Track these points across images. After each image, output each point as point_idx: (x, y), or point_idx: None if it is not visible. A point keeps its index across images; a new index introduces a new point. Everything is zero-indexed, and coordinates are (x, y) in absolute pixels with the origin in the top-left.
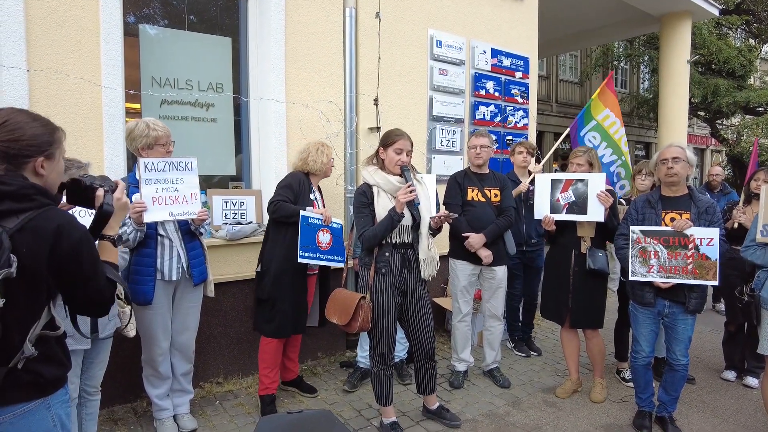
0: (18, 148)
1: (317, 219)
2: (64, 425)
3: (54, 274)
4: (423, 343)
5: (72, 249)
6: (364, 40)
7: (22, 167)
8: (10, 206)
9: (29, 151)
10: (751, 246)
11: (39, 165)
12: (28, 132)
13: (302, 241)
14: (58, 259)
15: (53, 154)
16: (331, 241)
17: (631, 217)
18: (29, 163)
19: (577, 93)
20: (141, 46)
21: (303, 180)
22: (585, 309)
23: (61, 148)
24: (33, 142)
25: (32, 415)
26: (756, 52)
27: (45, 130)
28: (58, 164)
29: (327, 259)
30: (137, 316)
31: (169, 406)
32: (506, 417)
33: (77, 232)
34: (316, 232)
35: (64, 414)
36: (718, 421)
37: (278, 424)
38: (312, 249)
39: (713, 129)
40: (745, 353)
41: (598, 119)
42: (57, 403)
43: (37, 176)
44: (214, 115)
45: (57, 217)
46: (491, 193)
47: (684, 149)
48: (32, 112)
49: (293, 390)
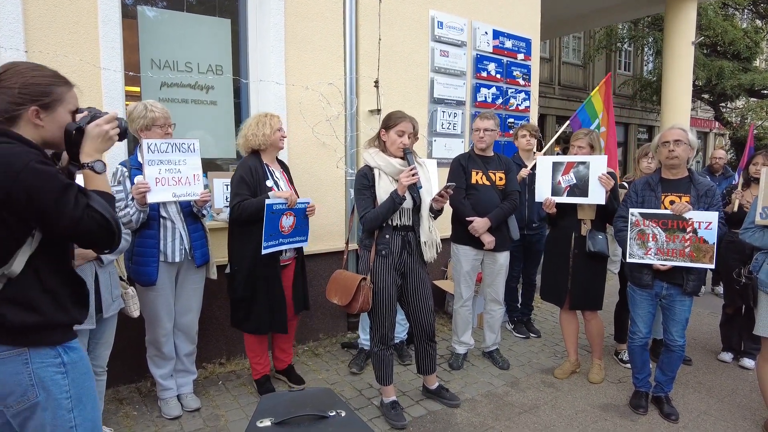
0: (11, 94)
1: (281, 204)
2: (48, 390)
3: (10, 210)
4: (423, 324)
5: (15, 180)
6: (365, 21)
7: (19, 113)
8: None
9: (22, 99)
10: (750, 228)
11: (33, 114)
12: (21, 80)
13: (266, 230)
14: (7, 192)
15: (50, 105)
16: (294, 223)
17: (630, 199)
18: (23, 111)
19: (580, 76)
20: (140, 27)
21: (255, 167)
22: (584, 291)
23: (65, 103)
24: (26, 90)
25: (6, 365)
26: (762, 33)
27: (43, 81)
28: (59, 117)
29: (289, 243)
30: (141, 298)
31: (172, 386)
32: (505, 397)
33: (19, 162)
34: (279, 218)
35: (50, 379)
36: (713, 401)
37: (280, 401)
38: (275, 236)
39: (717, 112)
40: (742, 335)
41: (600, 117)
42: (40, 363)
43: (35, 127)
44: (213, 97)
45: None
46: (496, 177)
47: (686, 131)
48: (39, 65)
49: (283, 379)
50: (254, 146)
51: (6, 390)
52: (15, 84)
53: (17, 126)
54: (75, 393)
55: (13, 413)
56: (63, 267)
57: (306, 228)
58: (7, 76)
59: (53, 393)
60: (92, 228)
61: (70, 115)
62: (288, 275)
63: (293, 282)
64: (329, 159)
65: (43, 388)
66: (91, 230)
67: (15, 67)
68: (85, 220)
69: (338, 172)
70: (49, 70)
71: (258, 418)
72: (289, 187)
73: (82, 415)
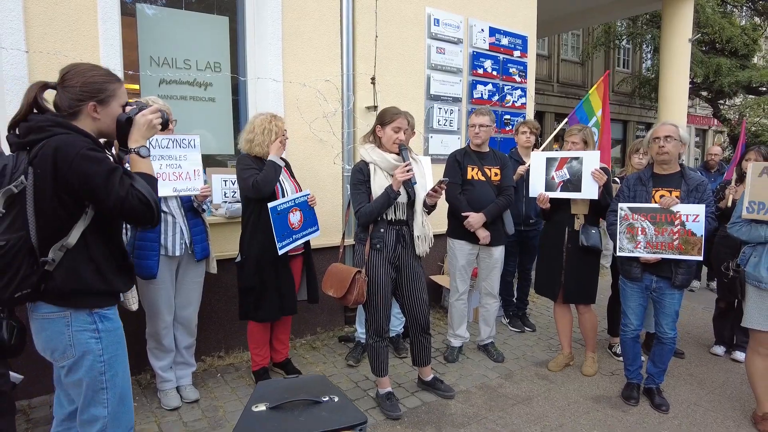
0: (74, 92)
1: (285, 203)
2: (83, 352)
3: (67, 191)
4: (417, 317)
5: (70, 165)
6: (361, 18)
7: (80, 108)
8: (34, 137)
9: (83, 95)
10: (738, 222)
11: (91, 109)
12: (81, 80)
13: (278, 232)
14: (63, 176)
15: (105, 100)
16: (301, 217)
17: (623, 194)
18: (83, 106)
19: (579, 73)
20: (138, 25)
21: (256, 163)
22: (578, 285)
23: (117, 98)
24: (86, 88)
25: (52, 324)
26: (760, 30)
27: (99, 79)
28: (112, 110)
29: (303, 236)
30: (142, 291)
31: (172, 378)
32: (499, 389)
33: (73, 150)
34: (287, 217)
35: (84, 342)
36: (704, 392)
37: (275, 387)
38: (288, 234)
39: (715, 109)
40: (734, 329)
41: (598, 115)
42: (78, 326)
43: (93, 120)
44: (212, 94)
45: (57, 141)
46: (491, 172)
47: (677, 128)
48: (95, 65)
49: (280, 372)
50: (259, 155)
51: (52, 345)
52: (77, 83)
53: (78, 119)
54: (108, 358)
55: (58, 366)
56: (109, 241)
57: (314, 218)
58: (69, 76)
59: (87, 355)
60: (135, 205)
61: (121, 108)
62: (296, 268)
63: (301, 274)
64: (326, 155)
65: (79, 349)
66: (134, 207)
67: (76, 68)
68: (130, 198)
69: (335, 168)
70: (104, 69)
71: (253, 402)
72: (292, 182)
73: (113, 381)
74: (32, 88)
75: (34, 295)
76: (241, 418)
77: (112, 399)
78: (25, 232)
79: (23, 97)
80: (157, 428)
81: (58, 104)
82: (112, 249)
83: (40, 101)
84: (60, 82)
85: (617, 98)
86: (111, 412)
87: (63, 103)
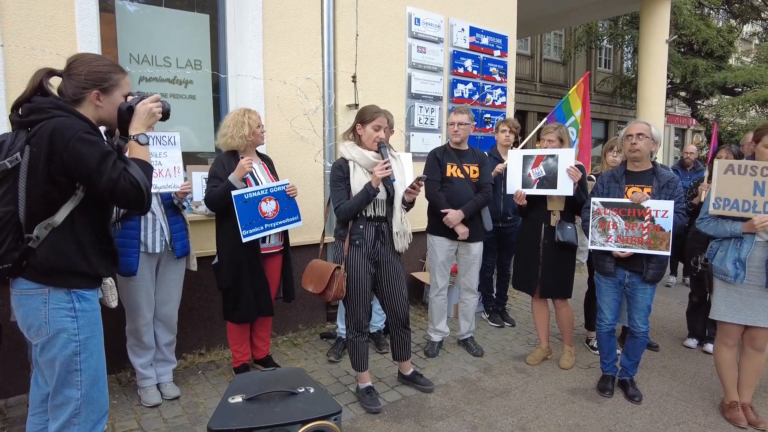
0: (79, 80)
1: (254, 192)
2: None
3: (61, 171)
4: (397, 312)
5: (66, 146)
6: (342, 17)
7: (84, 96)
8: (35, 117)
9: (87, 84)
10: (705, 218)
11: (94, 97)
12: (86, 69)
13: (242, 220)
14: (58, 156)
15: (108, 89)
16: (277, 206)
17: (597, 191)
18: (87, 94)
19: (561, 73)
20: (118, 22)
21: (228, 161)
22: (554, 280)
23: (121, 88)
24: (90, 77)
25: (30, 300)
26: (736, 33)
27: (104, 69)
28: (114, 99)
29: (278, 226)
30: (122, 288)
31: (152, 375)
32: (477, 382)
33: (70, 132)
34: (257, 205)
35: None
36: (676, 383)
37: (252, 379)
38: (257, 223)
39: (693, 109)
40: (706, 322)
41: (576, 116)
42: (55, 304)
43: (96, 108)
44: (192, 92)
45: (56, 122)
46: (470, 170)
47: (649, 126)
48: (100, 56)
49: (261, 369)
50: (234, 148)
51: (29, 321)
52: (82, 71)
53: (81, 106)
54: (83, 339)
55: (34, 344)
56: (96, 224)
57: (295, 209)
58: (76, 65)
59: (61, 333)
60: (126, 188)
61: (123, 98)
62: (275, 265)
63: (280, 272)
64: (307, 153)
65: (54, 327)
66: (126, 190)
67: (82, 58)
68: (122, 181)
69: (317, 165)
70: (108, 60)
71: (230, 394)
72: (271, 179)
73: (87, 362)
74: (39, 73)
75: (15, 271)
76: (217, 410)
77: (86, 381)
78: (14, 207)
79: (29, 80)
80: (137, 425)
81: (62, 91)
82: (98, 232)
83: (45, 86)
84: (66, 70)
85: (598, 98)
86: (84, 394)
87: (67, 91)
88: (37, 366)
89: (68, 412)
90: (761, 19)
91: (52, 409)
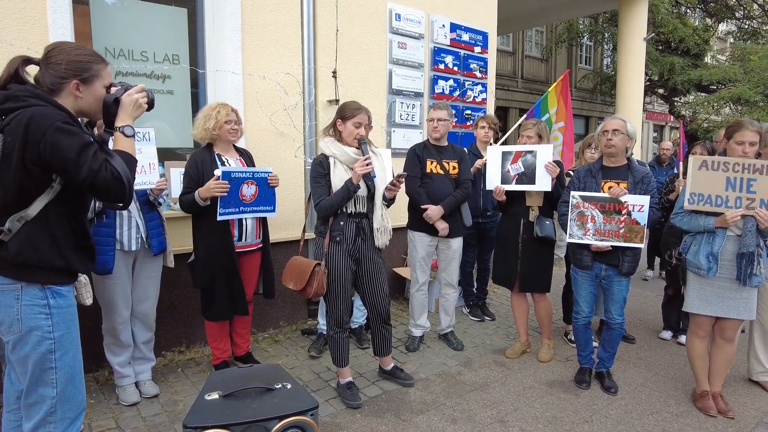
0: (58, 69)
1: (241, 172)
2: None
3: (37, 162)
4: (378, 308)
5: (43, 136)
6: (322, 12)
7: (62, 86)
8: (10, 105)
9: (66, 73)
10: (680, 213)
11: (74, 87)
12: (66, 58)
13: (223, 199)
14: (35, 147)
15: (89, 80)
16: (256, 192)
17: (574, 186)
18: (66, 84)
19: (543, 69)
20: (92, 15)
21: (202, 158)
22: (533, 274)
23: (102, 79)
24: (70, 66)
25: (2, 296)
26: (711, 31)
27: (84, 58)
28: (95, 90)
29: (252, 212)
30: (98, 286)
31: (130, 373)
32: (457, 376)
33: (47, 122)
34: (239, 186)
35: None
36: (650, 374)
37: (229, 376)
38: (234, 204)
39: (671, 106)
40: (680, 314)
41: (551, 113)
42: (28, 301)
43: (75, 98)
44: (170, 87)
45: (32, 111)
46: (449, 166)
47: (625, 122)
48: (81, 45)
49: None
50: (201, 140)
51: (0, 318)
52: (62, 60)
53: (59, 96)
54: (58, 336)
55: (6, 341)
56: (72, 218)
57: (272, 198)
58: (54, 53)
59: (34, 331)
60: (108, 179)
61: (104, 89)
62: (253, 263)
63: (259, 270)
64: (287, 148)
65: (26, 324)
66: (107, 181)
67: (61, 46)
68: (102, 173)
69: (297, 161)
70: (90, 50)
71: (207, 391)
72: None
73: (63, 360)
74: (14, 60)
75: None
76: (193, 406)
77: (62, 379)
78: None
79: (4, 68)
80: (115, 424)
81: (39, 80)
82: (74, 226)
83: (21, 74)
84: (44, 58)
85: (579, 94)
86: (60, 392)
87: (45, 80)
88: (9, 363)
89: (43, 411)
90: (735, 18)
91: (26, 408)
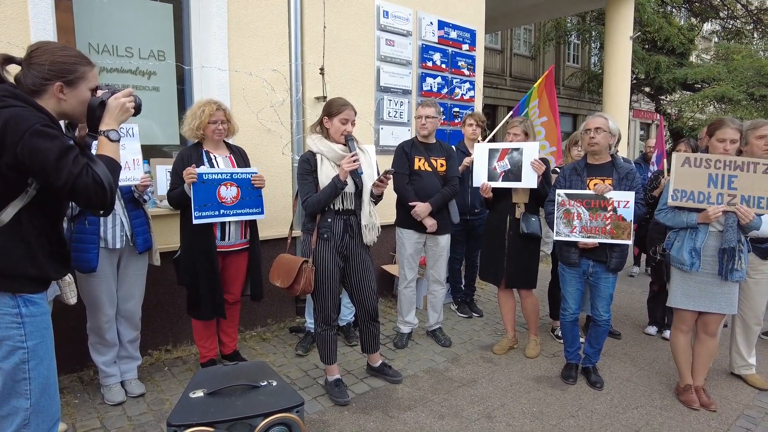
0: (41, 70)
1: (214, 174)
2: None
3: (13, 165)
4: (365, 305)
5: (21, 139)
6: (310, 8)
7: (45, 88)
8: None
9: (50, 75)
10: (664, 209)
11: (57, 89)
12: (50, 58)
13: (196, 201)
14: (11, 150)
15: (73, 82)
16: (238, 194)
17: (559, 184)
18: (49, 86)
19: (531, 67)
20: (75, 9)
21: (189, 155)
22: (519, 270)
23: (87, 81)
24: (54, 67)
25: None
26: (696, 31)
27: (70, 60)
28: (79, 93)
29: (236, 214)
30: (82, 285)
31: (116, 373)
32: (445, 372)
33: (25, 124)
34: (215, 189)
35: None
36: (635, 369)
37: (215, 374)
38: (212, 207)
39: (657, 104)
40: (665, 310)
41: (530, 106)
42: None
43: (58, 101)
44: (156, 83)
45: (10, 112)
46: (437, 163)
47: (607, 120)
48: (66, 45)
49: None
50: (191, 138)
51: None
52: (45, 61)
53: (41, 98)
54: (32, 345)
55: None
56: (47, 225)
57: (258, 200)
58: (38, 53)
59: (5, 341)
60: (88, 184)
61: (89, 91)
62: (239, 263)
63: (246, 269)
64: (275, 146)
65: None
66: (87, 186)
67: (45, 46)
68: (83, 177)
69: (284, 158)
70: (75, 51)
71: (191, 389)
72: None
73: (37, 370)
74: None
75: None
76: (177, 404)
77: (36, 390)
78: None
79: None
80: (100, 424)
81: (20, 80)
82: (48, 233)
83: (1, 73)
84: (26, 58)
85: (567, 92)
86: (34, 403)
87: (26, 80)
88: None
89: (16, 423)
90: (719, 18)
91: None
